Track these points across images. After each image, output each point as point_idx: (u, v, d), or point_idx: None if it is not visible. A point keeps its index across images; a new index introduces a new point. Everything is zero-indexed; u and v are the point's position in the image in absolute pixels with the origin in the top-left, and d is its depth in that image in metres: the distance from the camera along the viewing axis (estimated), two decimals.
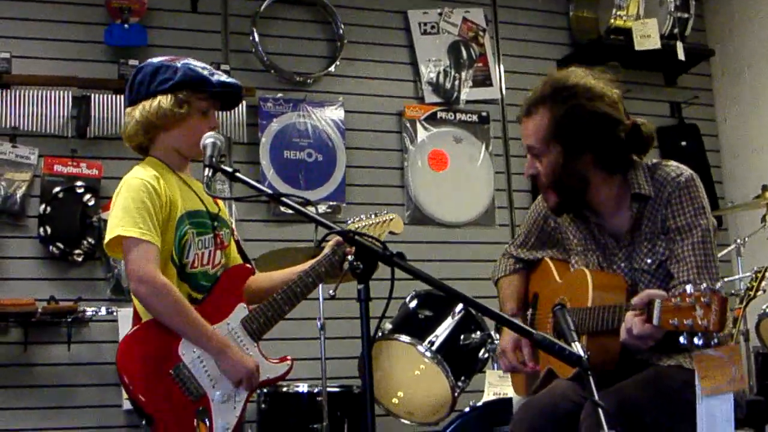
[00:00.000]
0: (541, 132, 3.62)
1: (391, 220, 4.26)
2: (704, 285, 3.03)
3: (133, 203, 3.72)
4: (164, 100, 3.83)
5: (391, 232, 4.25)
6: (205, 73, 3.91)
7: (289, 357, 3.97)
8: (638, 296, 3.27)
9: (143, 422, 3.67)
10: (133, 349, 3.71)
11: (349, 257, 2.80)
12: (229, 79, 4.01)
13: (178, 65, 3.89)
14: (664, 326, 3.08)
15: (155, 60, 3.96)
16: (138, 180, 3.78)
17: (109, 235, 3.76)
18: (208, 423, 3.63)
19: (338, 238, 3.89)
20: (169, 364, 3.68)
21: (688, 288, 3.02)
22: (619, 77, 3.74)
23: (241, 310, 3.89)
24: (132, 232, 3.68)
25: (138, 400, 3.62)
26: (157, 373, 3.66)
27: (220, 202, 4.18)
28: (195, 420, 3.59)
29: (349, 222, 4.25)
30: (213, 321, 3.79)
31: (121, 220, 3.72)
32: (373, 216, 4.27)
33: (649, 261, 3.61)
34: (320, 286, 4.85)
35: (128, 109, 3.94)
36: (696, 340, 2.95)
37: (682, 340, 2.99)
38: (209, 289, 3.90)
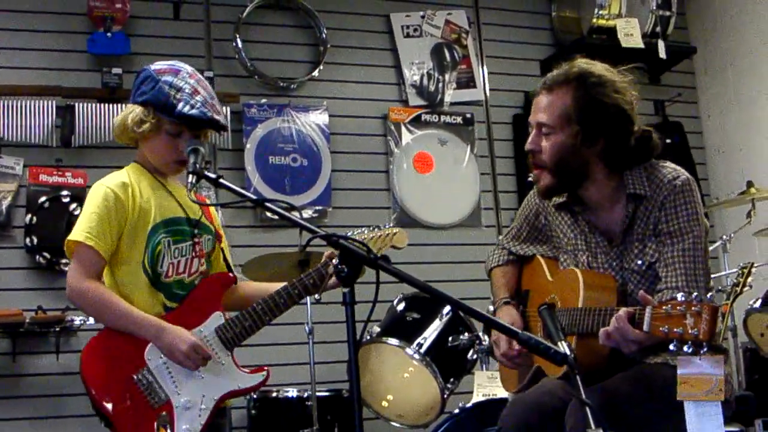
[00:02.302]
0: (558, 110, 3.61)
1: (395, 234, 4.22)
2: (695, 294, 3.02)
3: (90, 209, 3.77)
4: (132, 114, 3.86)
5: (393, 247, 4.22)
6: (176, 97, 3.82)
7: (266, 368, 3.92)
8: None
9: (102, 424, 3.67)
10: (96, 352, 3.74)
11: (334, 261, 2.81)
12: (193, 111, 3.82)
13: (160, 80, 3.85)
14: (654, 333, 3.08)
15: (154, 66, 3.93)
16: (102, 187, 3.82)
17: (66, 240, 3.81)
18: (169, 429, 3.59)
19: (332, 251, 3.80)
20: (133, 368, 3.69)
21: (679, 296, 3.02)
22: (643, 80, 3.75)
23: (216, 319, 3.87)
24: (78, 236, 3.73)
25: (96, 402, 3.63)
26: (119, 376, 3.67)
27: (211, 209, 4.19)
28: (155, 425, 3.56)
29: (350, 235, 4.18)
30: (186, 328, 3.78)
31: (76, 226, 3.77)
32: (375, 229, 4.21)
33: (639, 262, 3.61)
34: None
35: None
36: (686, 349, 2.96)
37: (672, 347, 2.99)
38: (184, 297, 3.90)
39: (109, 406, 3.61)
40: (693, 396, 3.04)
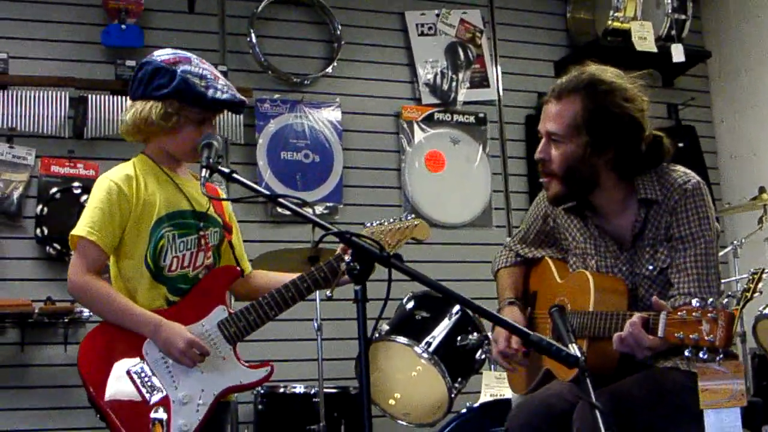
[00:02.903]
0: (568, 119, 3.56)
1: (416, 226, 4.12)
2: (711, 300, 3.01)
3: (93, 203, 3.76)
4: (154, 109, 3.75)
5: (414, 239, 4.14)
6: (201, 86, 3.78)
7: (270, 363, 3.85)
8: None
9: (98, 416, 3.66)
10: (94, 345, 3.72)
11: (346, 258, 2.79)
12: (225, 96, 3.84)
13: (178, 71, 3.77)
14: (668, 339, 3.06)
15: (159, 57, 3.84)
16: (106, 181, 3.79)
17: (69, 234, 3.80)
18: (165, 424, 3.53)
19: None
20: (130, 362, 3.67)
21: (694, 302, 3.01)
22: (655, 85, 3.71)
23: (219, 313, 3.82)
24: (80, 231, 3.72)
25: (91, 395, 3.62)
26: (116, 370, 3.65)
27: (225, 203, 4.16)
28: (151, 420, 3.51)
29: (368, 225, 4.15)
30: (186, 322, 3.74)
31: (80, 220, 3.76)
32: (396, 220, 4.12)
33: (650, 267, 3.58)
34: None
35: (128, 104, 3.90)
36: (701, 355, 2.94)
37: (687, 353, 2.98)
38: (187, 290, 3.87)
39: (103, 398, 3.60)
40: (716, 404, 3.03)
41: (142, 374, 3.66)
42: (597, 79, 3.59)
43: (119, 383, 3.63)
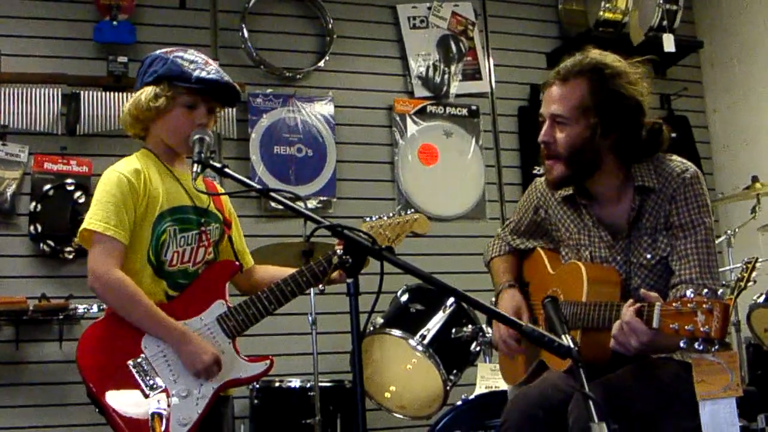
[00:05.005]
0: (574, 102, 3.56)
1: (415, 220, 4.16)
2: (706, 290, 3.00)
3: (105, 196, 3.74)
4: (145, 93, 3.81)
5: (414, 233, 4.16)
6: (190, 67, 3.82)
7: (270, 357, 3.87)
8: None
9: (97, 411, 3.65)
10: (93, 340, 3.71)
11: (338, 251, 2.79)
12: (211, 76, 3.84)
13: (170, 57, 3.84)
14: (663, 330, 3.05)
15: (158, 51, 3.91)
16: (115, 173, 3.78)
17: (81, 227, 3.78)
18: (164, 417, 3.50)
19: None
20: (129, 356, 3.66)
21: (689, 293, 3.00)
22: (649, 74, 3.72)
23: (218, 307, 3.83)
24: (97, 226, 3.70)
25: (90, 389, 3.61)
26: (115, 364, 3.64)
27: (225, 198, 4.17)
28: (150, 414, 3.49)
29: (368, 220, 4.14)
30: (186, 316, 3.76)
31: (92, 213, 3.74)
32: (395, 215, 4.15)
33: (648, 256, 3.59)
34: None
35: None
36: (697, 346, 2.94)
37: (682, 344, 2.97)
38: (187, 286, 3.87)
39: (101, 392, 3.59)
40: (712, 394, 3.03)
41: (141, 368, 3.66)
42: (602, 63, 3.60)
43: (118, 377, 3.63)
